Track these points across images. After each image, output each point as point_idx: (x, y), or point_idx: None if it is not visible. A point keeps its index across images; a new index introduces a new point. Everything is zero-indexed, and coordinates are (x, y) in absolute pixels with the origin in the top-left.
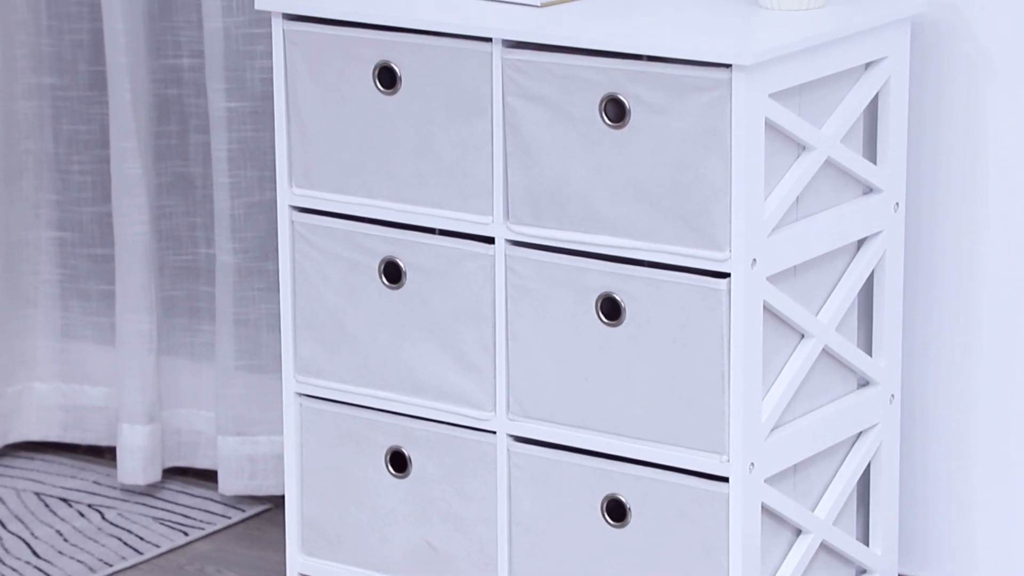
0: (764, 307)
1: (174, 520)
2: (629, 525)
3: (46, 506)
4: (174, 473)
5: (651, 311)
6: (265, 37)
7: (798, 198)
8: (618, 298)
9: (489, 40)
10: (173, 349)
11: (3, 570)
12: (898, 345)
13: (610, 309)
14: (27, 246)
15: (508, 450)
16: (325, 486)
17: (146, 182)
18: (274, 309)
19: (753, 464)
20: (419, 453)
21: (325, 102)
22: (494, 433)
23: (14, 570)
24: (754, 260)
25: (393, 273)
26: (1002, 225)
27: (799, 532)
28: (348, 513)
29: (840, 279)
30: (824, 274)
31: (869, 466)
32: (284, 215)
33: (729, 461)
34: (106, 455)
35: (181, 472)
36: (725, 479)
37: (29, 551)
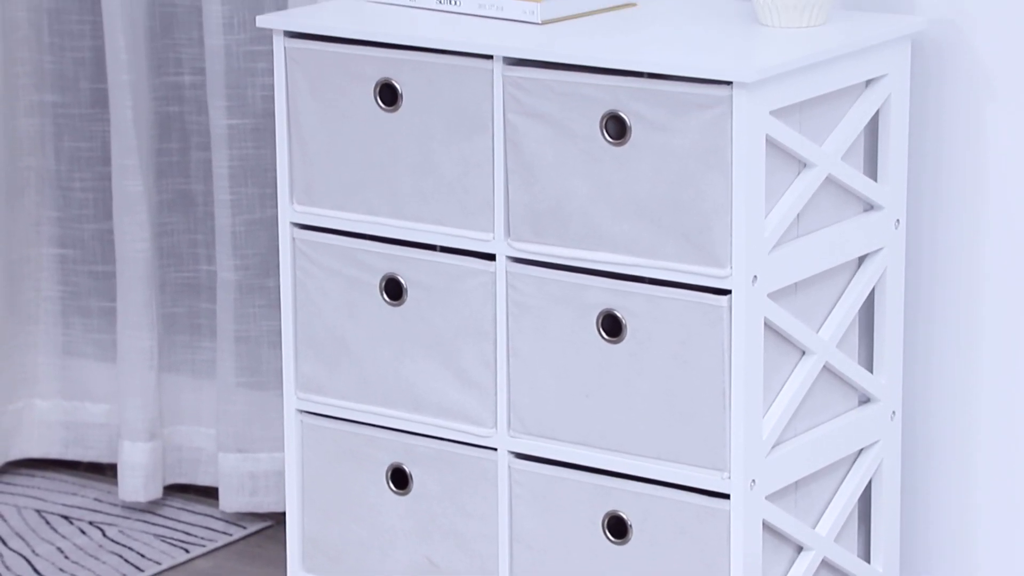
0: (765, 324)
1: (175, 537)
2: (630, 542)
3: (47, 523)
4: (175, 490)
5: (652, 328)
6: (266, 54)
7: (799, 215)
8: (619, 315)
9: (490, 57)
10: (174, 366)
11: None
12: (899, 362)
13: (611, 326)
14: (28, 263)
15: (509, 467)
16: (326, 503)
17: (147, 199)
18: (275, 326)
19: (754, 481)
20: (420, 470)
21: (326, 119)
22: (495, 450)
23: None
24: (755, 277)
25: (394, 290)
26: (1003, 242)
27: (800, 549)
28: (349, 530)
29: (841, 296)
30: (825, 291)
31: (870, 483)
32: (285, 232)
33: (730, 478)
34: (107, 472)
35: (182, 489)
36: (726, 496)
37: (30, 568)
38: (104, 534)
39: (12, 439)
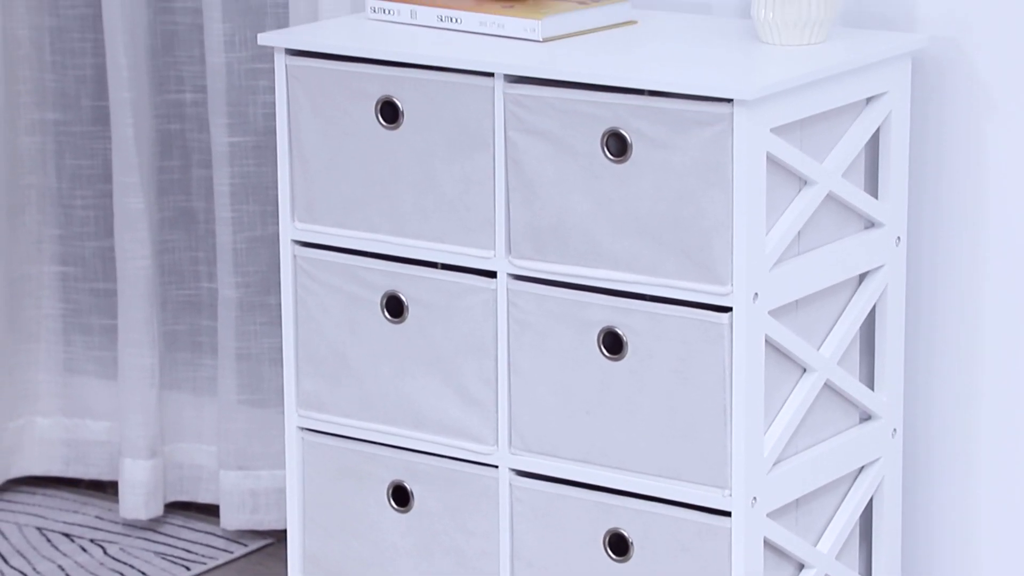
0: (766, 341)
1: (176, 555)
2: (631, 559)
3: (48, 541)
4: (176, 508)
5: (653, 345)
6: (267, 72)
7: (800, 232)
8: (620, 332)
9: (491, 75)
10: (175, 383)
11: None
12: (900, 379)
13: (612, 343)
14: (29, 281)
15: (510, 484)
16: (327, 520)
17: (148, 217)
18: (276, 343)
19: (755, 498)
20: (421, 487)
21: (327, 137)
22: (496, 467)
23: None
24: (756, 294)
25: (395, 307)
26: (1004, 259)
27: (801, 567)
28: (350, 547)
29: (842, 313)
30: (826, 308)
31: (872, 500)
32: (286, 249)
33: (731, 495)
34: (108, 490)
35: (183, 507)
36: (727, 513)
37: None
38: (105, 552)
39: (13, 457)
